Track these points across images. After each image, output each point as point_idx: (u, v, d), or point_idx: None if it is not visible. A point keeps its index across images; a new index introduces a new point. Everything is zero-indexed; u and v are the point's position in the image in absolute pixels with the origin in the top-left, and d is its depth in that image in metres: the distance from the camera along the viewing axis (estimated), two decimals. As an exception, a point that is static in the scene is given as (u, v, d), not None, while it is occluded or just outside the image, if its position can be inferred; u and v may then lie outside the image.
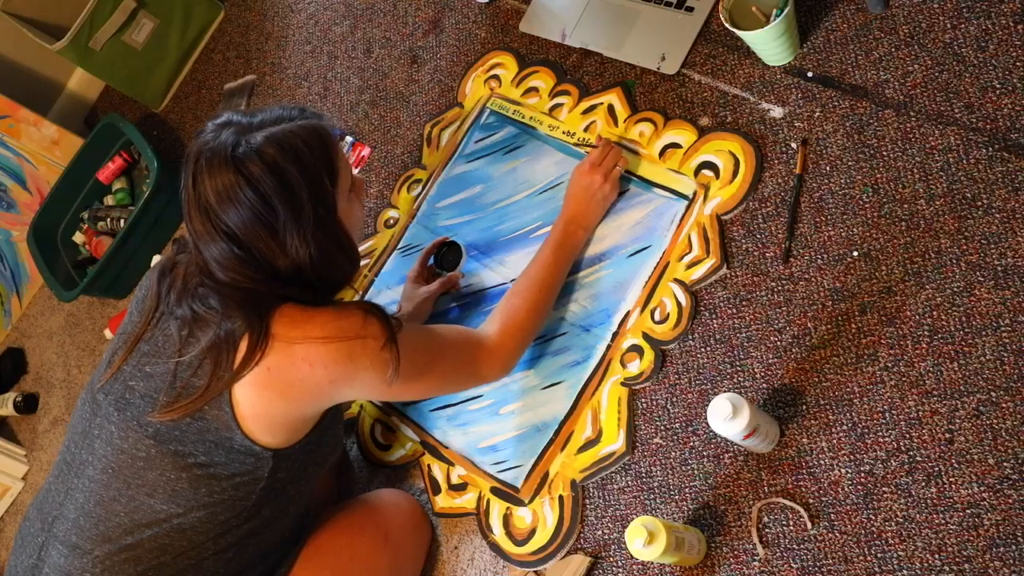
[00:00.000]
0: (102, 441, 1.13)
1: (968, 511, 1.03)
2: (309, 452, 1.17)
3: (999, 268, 1.10)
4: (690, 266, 1.33)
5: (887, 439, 1.10)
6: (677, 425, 1.26)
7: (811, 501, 1.12)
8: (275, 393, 1.07)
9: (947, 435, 1.07)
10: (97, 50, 2.23)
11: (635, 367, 1.31)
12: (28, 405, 2.22)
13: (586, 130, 1.53)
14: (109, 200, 2.26)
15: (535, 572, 1.28)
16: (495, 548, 1.33)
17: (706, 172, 1.37)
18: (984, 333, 1.09)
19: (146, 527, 1.10)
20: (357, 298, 1.67)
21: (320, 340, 1.07)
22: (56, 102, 2.62)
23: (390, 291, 1.64)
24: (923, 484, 1.06)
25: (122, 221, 2.12)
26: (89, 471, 1.13)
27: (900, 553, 1.05)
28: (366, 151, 1.84)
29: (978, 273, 1.12)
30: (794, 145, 1.32)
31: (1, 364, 2.33)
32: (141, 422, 1.10)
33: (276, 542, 1.21)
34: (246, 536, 1.15)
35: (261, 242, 1.06)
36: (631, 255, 1.39)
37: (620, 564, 1.23)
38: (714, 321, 1.28)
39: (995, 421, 1.05)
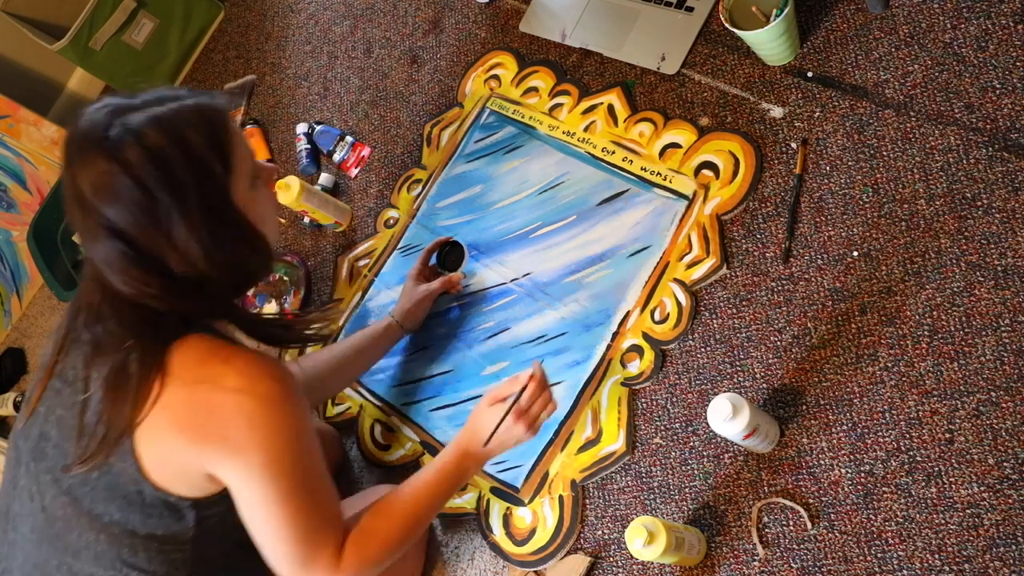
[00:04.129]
0: (26, 496, 1.04)
1: (968, 511, 1.03)
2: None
3: (999, 268, 1.10)
4: (690, 266, 1.33)
5: (887, 439, 1.10)
6: (677, 425, 1.26)
7: (811, 501, 1.12)
8: (174, 436, 0.96)
9: (947, 435, 1.07)
10: (97, 50, 2.23)
11: (635, 367, 1.31)
12: (28, 405, 2.22)
13: (586, 130, 1.53)
14: (109, 200, 2.25)
15: (535, 572, 1.28)
16: (495, 548, 1.33)
17: (706, 172, 1.37)
18: (984, 333, 1.09)
19: None
20: (357, 298, 1.67)
21: (231, 387, 0.95)
22: (56, 102, 2.62)
23: (389, 291, 1.64)
24: (923, 484, 1.06)
25: (122, 221, 2.11)
26: (22, 528, 1.04)
27: (900, 553, 1.05)
28: (366, 151, 1.84)
29: (978, 273, 1.12)
30: (794, 145, 1.32)
31: (1, 364, 2.33)
32: (55, 476, 1.00)
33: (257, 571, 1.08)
34: None
35: (147, 236, 0.94)
36: (631, 255, 1.39)
37: (620, 564, 1.23)
38: (714, 321, 1.28)
39: (995, 421, 1.05)
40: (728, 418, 1.06)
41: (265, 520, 1.00)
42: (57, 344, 1.05)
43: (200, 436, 0.96)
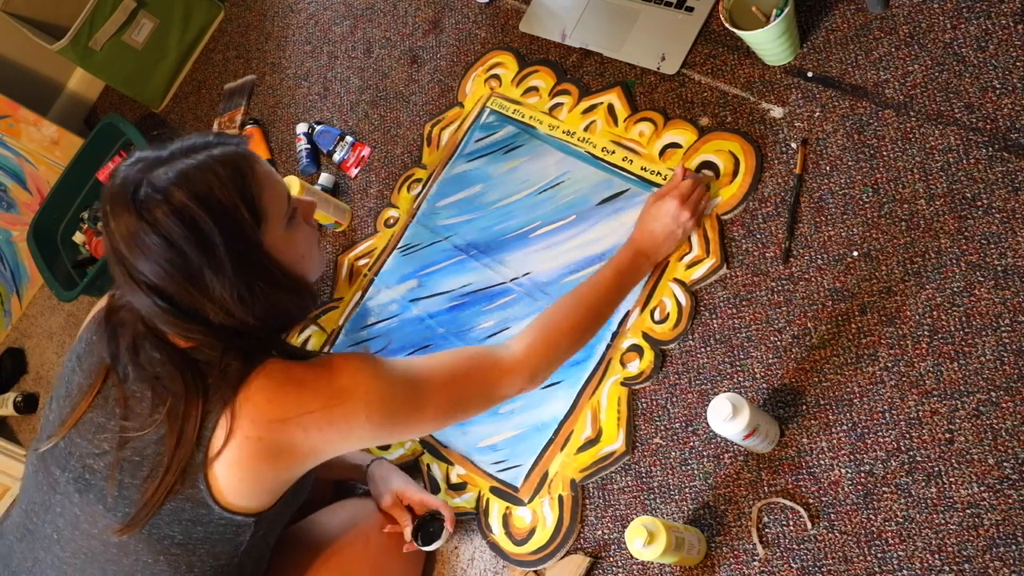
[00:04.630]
0: (67, 522, 1.05)
1: (968, 511, 1.03)
2: (287, 504, 1.10)
3: (999, 268, 1.10)
4: (690, 266, 1.33)
5: (887, 439, 1.10)
6: (677, 425, 1.26)
7: (811, 501, 1.12)
8: (264, 463, 0.99)
9: (947, 435, 1.07)
10: (97, 50, 2.23)
11: (635, 367, 1.31)
12: (28, 405, 2.22)
13: (586, 129, 1.53)
14: (109, 200, 2.25)
15: (535, 572, 1.28)
16: (495, 548, 1.33)
17: (706, 172, 1.37)
18: (984, 333, 1.09)
19: None
20: (357, 298, 1.67)
21: (316, 406, 0.99)
22: (56, 102, 2.63)
23: (389, 290, 1.64)
24: (923, 484, 1.06)
25: (122, 221, 2.11)
26: (57, 550, 1.06)
27: (900, 553, 1.05)
28: (366, 151, 1.84)
29: (978, 273, 1.12)
30: (794, 145, 1.32)
31: (1, 364, 2.33)
32: (107, 505, 1.01)
33: None
34: None
35: (182, 291, 0.96)
36: (631, 255, 1.39)
37: (620, 564, 1.23)
38: (714, 321, 1.28)
39: (995, 421, 1.05)
40: (728, 418, 1.06)
41: (430, 431, 1.14)
42: (92, 375, 1.05)
43: (299, 453, 1.00)
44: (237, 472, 0.99)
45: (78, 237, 2.25)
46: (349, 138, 1.86)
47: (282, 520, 1.14)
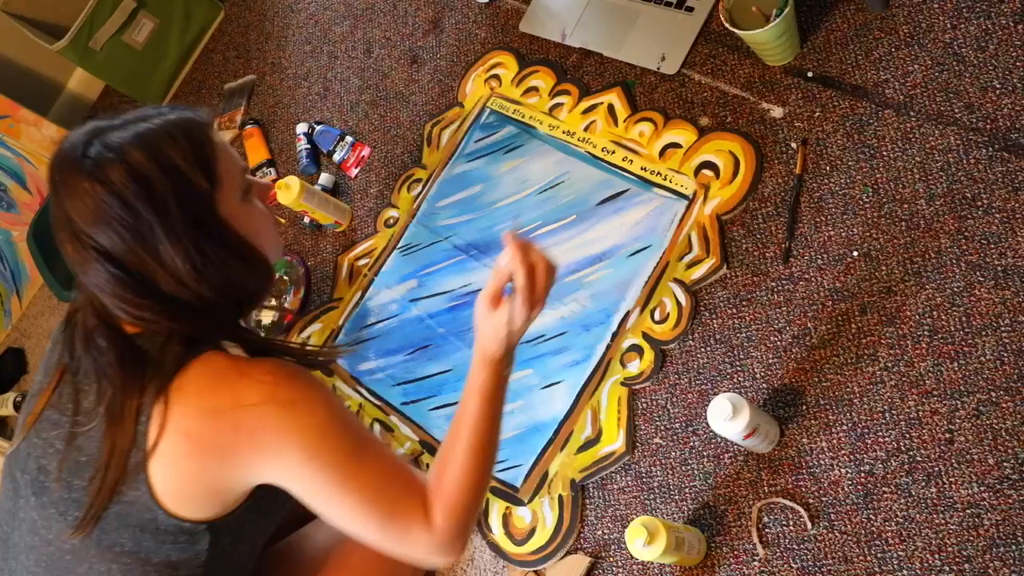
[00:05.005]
0: (27, 528, 1.00)
1: (968, 511, 1.03)
2: (259, 509, 1.02)
3: (999, 268, 1.10)
4: (690, 266, 1.33)
5: (887, 439, 1.10)
6: (677, 425, 1.26)
7: (811, 501, 1.12)
8: (199, 463, 0.92)
9: (947, 435, 1.07)
10: (97, 50, 2.23)
11: (635, 367, 1.31)
12: (28, 405, 2.22)
13: (586, 129, 1.53)
14: (109, 200, 2.25)
15: (535, 572, 1.28)
16: (494, 548, 1.33)
17: (706, 172, 1.37)
18: (984, 333, 1.09)
19: None
20: (357, 297, 1.67)
21: (252, 401, 0.92)
22: (56, 102, 2.62)
23: (389, 291, 1.64)
24: (923, 484, 1.06)
25: (122, 221, 2.11)
26: (23, 558, 1.01)
27: (900, 553, 1.05)
28: (366, 151, 1.84)
29: (978, 273, 1.12)
30: (794, 145, 1.32)
31: (1, 364, 2.33)
32: (60, 510, 0.97)
33: None
34: None
35: (134, 256, 0.92)
36: (631, 255, 1.39)
37: (620, 564, 1.23)
38: (714, 321, 1.28)
39: (995, 421, 1.05)
40: (728, 418, 1.06)
41: (341, 515, 0.98)
42: (50, 373, 1.02)
43: (230, 455, 0.93)
44: (171, 471, 0.93)
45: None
46: (349, 138, 1.86)
47: (253, 530, 1.06)
